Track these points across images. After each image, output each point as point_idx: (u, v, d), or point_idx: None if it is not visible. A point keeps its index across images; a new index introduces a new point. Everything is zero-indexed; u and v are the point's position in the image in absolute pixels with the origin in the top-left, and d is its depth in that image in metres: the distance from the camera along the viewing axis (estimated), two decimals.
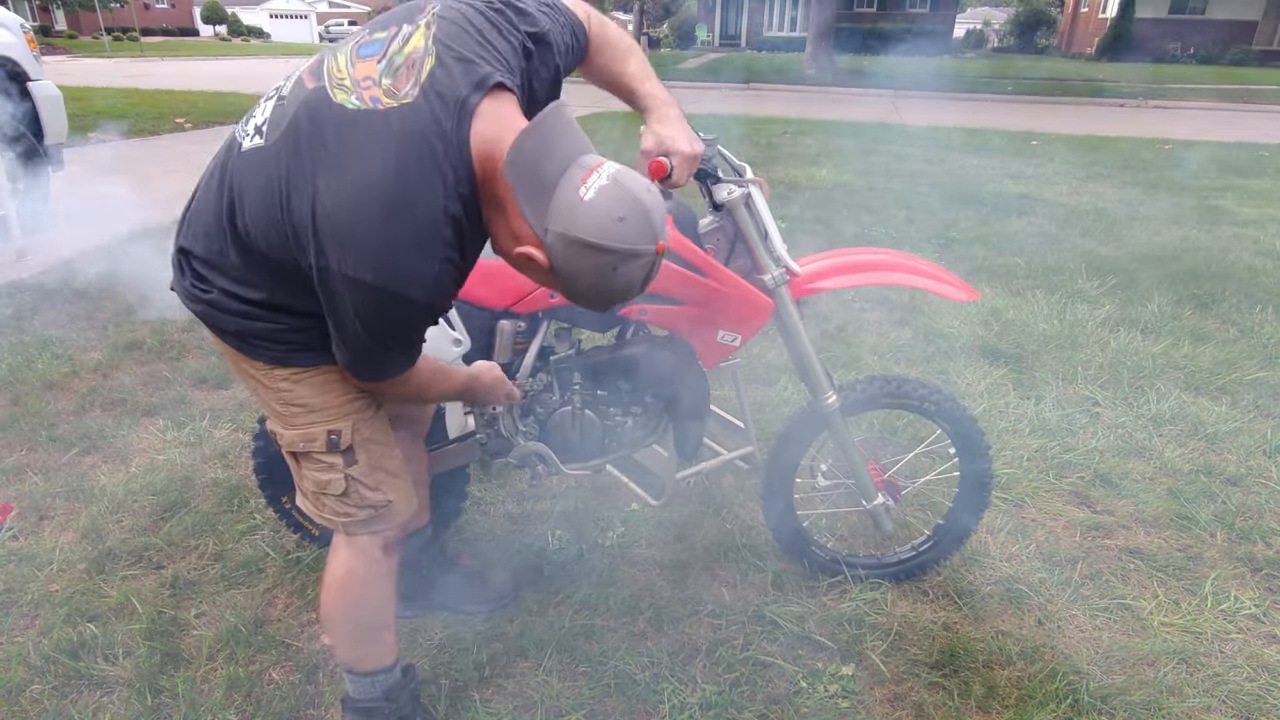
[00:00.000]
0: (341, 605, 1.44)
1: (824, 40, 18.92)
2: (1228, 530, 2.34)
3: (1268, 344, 3.63)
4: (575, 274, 1.07)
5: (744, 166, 1.73)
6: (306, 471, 1.37)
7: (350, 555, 1.43)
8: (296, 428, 1.32)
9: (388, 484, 1.40)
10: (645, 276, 1.10)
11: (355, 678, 1.53)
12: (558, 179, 1.04)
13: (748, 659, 1.85)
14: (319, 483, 1.36)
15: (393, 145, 1.05)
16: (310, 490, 1.38)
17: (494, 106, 1.10)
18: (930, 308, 4.01)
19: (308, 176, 1.07)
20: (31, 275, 4.18)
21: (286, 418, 1.32)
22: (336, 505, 1.38)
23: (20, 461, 2.55)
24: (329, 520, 1.40)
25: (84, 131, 8.70)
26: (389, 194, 1.04)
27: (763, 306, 1.72)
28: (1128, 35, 29.39)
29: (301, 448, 1.33)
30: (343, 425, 1.32)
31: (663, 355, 1.72)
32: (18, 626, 1.90)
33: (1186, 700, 1.75)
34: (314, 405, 1.30)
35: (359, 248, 1.05)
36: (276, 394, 1.30)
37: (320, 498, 1.38)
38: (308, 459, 1.35)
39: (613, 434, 1.84)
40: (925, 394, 1.91)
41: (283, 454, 1.39)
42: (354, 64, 1.12)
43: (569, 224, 1.03)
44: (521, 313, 1.72)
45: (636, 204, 1.05)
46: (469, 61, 1.10)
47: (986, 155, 8.67)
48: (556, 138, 1.05)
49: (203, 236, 1.22)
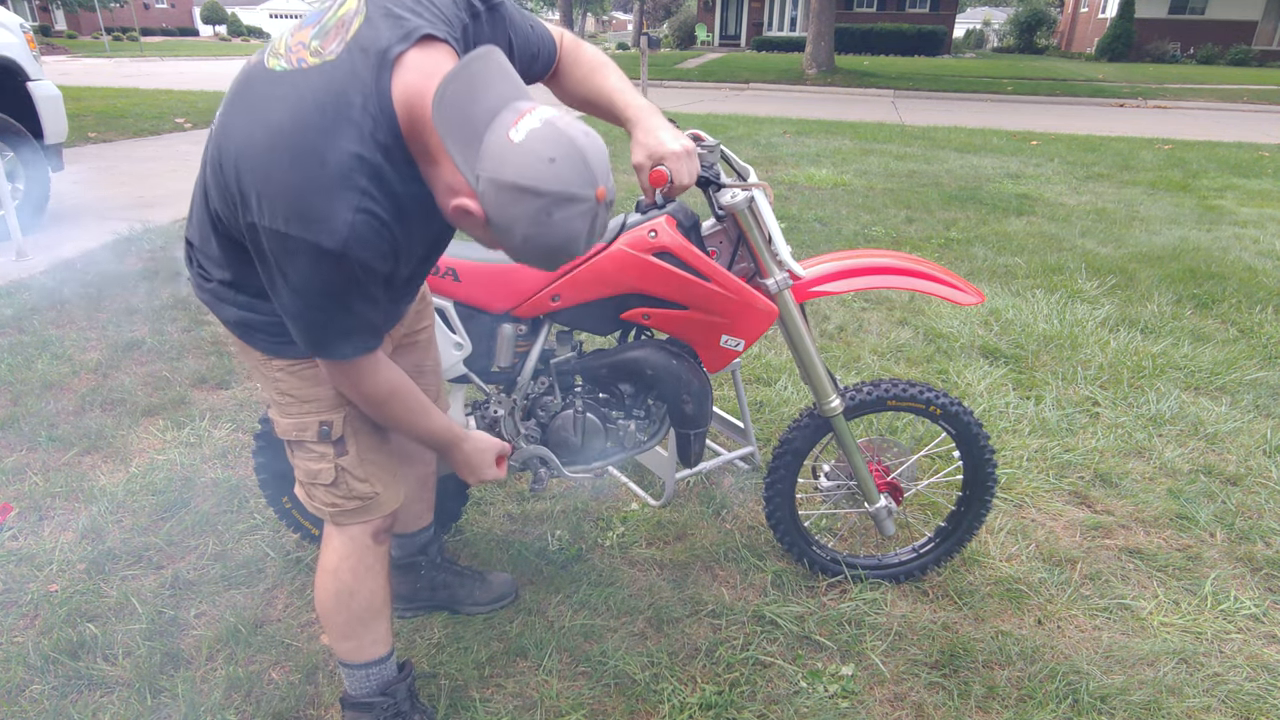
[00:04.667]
0: (334, 593, 1.46)
1: (824, 40, 18.91)
2: (1228, 530, 2.34)
3: (1268, 344, 3.63)
4: (509, 224, 1.03)
5: (747, 169, 1.71)
6: (299, 460, 1.40)
7: (341, 544, 1.45)
8: (291, 416, 1.35)
9: (376, 476, 1.42)
10: (589, 228, 1.05)
11: (351, 671, 1.53)
12: (488, 123, 1.00)
13: (748, 659, 1.85)
14: (310, 472, 1.39)
15: (308, 97, 1.04)
16: (303, 479, 1.42)
17: (421, 57, 1.07)
18: (930, 308, 4.01)
19: (232, 136, 1.08)
20: (31, 275, 4.17)
21: (282, 406, 1.35)
22: (325, 495, 1.41)
23: (20, 461, 2.55)
24: (318, 509, 1.43)
25: (83, 131, 8.71)
26: (298, 142, 1.03)
27: (766, 312, 1.71)
28: (1127, 35, 29.40)
29: (295, 436, 1.36)
30: (334, 417, 1.35)
31: (665, 359, 1.71)
32: (18, 626, 1.90)
33: (1186, 700, 1.75)
34: (307, 396, 1.33)
35: (273, 196, 1.04)
36: (274, 383, 1.33)
37: (311, 487, 1.41)
38: (300, 448, 1.38)
39: (614, 437, 1.83)
40: (931, 397, 1.89)
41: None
42: (294, 34, 1.13)
43: (498, 168, 0.99)
44: (523, 316, 1.72)
45: (571, 145, 1.00)
46: (398, 17, 1.08)
47: (986, 155, 8.67)
48: (486, 83, 1.02)
49: (195, 225, 1.25)
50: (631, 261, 1.63)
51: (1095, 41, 31.68)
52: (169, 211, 5.53)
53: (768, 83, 17.85)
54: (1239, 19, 29.48)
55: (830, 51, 19.23)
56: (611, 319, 1.71)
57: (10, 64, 4.83)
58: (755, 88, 17.53)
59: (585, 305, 1.69)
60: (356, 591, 1.46)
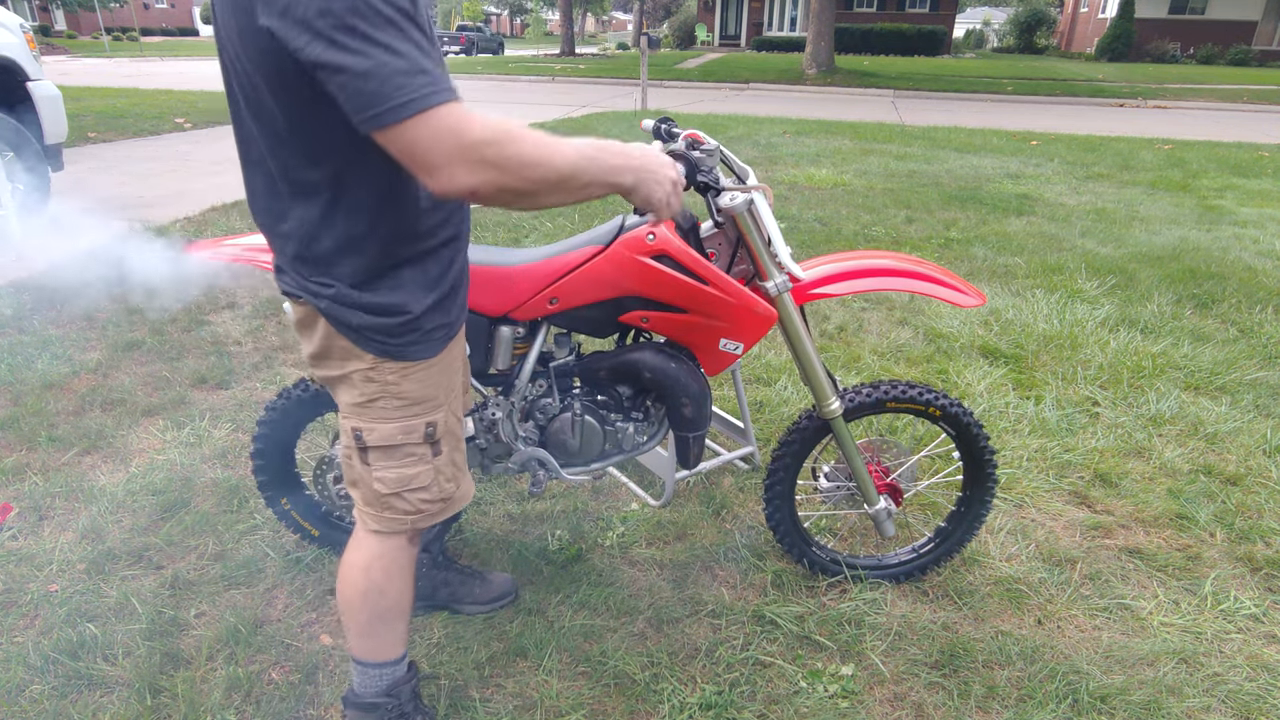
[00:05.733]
0: (363, 591, 1.44)
1: (824, 40, 18.91)
2: (1228, 530, 2.34)
3: (1267, 344, 3.63)
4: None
5: (747, 170, 1.71)
6: (385, 469, 1.33)
7: (377, 542, 1.41)
8: (394, 420, 1.30)
9: (458, 475, 1.42)
10: None
11: (363, 669, 1.52)
12: None
13: (748, 659, 1.85)
14: (404, 478, 1.34)
15: None
16: (385, 490, 1.35)
17: None
18: (930, 308, 4.01)
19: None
20: (31, 275, 4.17)
21: (385, 412, 1.29)
22: (416, 499, 1.36)
23: (20, 461, 2.55)
24: (393, 519, 1.38)
25: (83, 131, 8.71)
26: None
27: (765, 315, 1.70)
28: (1127, 35, 29.41)
29: (400, 440, 1.31)
30: (438, 417, 1.33)
31: (663, 362, 1.71)
32: (18, 626, 1.90)
33: (1186, 700, 1.75)
34: (420, 397, 1.30)
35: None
36: (383, 387, 1.28)
37: (395, 497, 1.35)
38: (392, 454, 1.32)
39: (612, 439, 1.83)
40: (930, 398, 1.89)
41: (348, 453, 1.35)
42: None
43: None
44: (520, 319, 1.71)
45: None
46: None
47: (986, 155, 8.67)
48: None
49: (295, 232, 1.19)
50: (629, 264, 1.63)
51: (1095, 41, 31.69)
52: (169, 211, 5.53)
53: (768, 83, 17.85)
54: (1239, 19, 29.48)
55: (830, 51, 19.24)
56: (610, 322, 1.71)
57: (10, 64, 4.83)
58: (755, 88, 17.53)
59: (583, 308, 1.68)
60: (386, 590, 1.44)
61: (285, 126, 1.10)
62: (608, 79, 18.81)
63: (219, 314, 3.77)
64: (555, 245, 1.72)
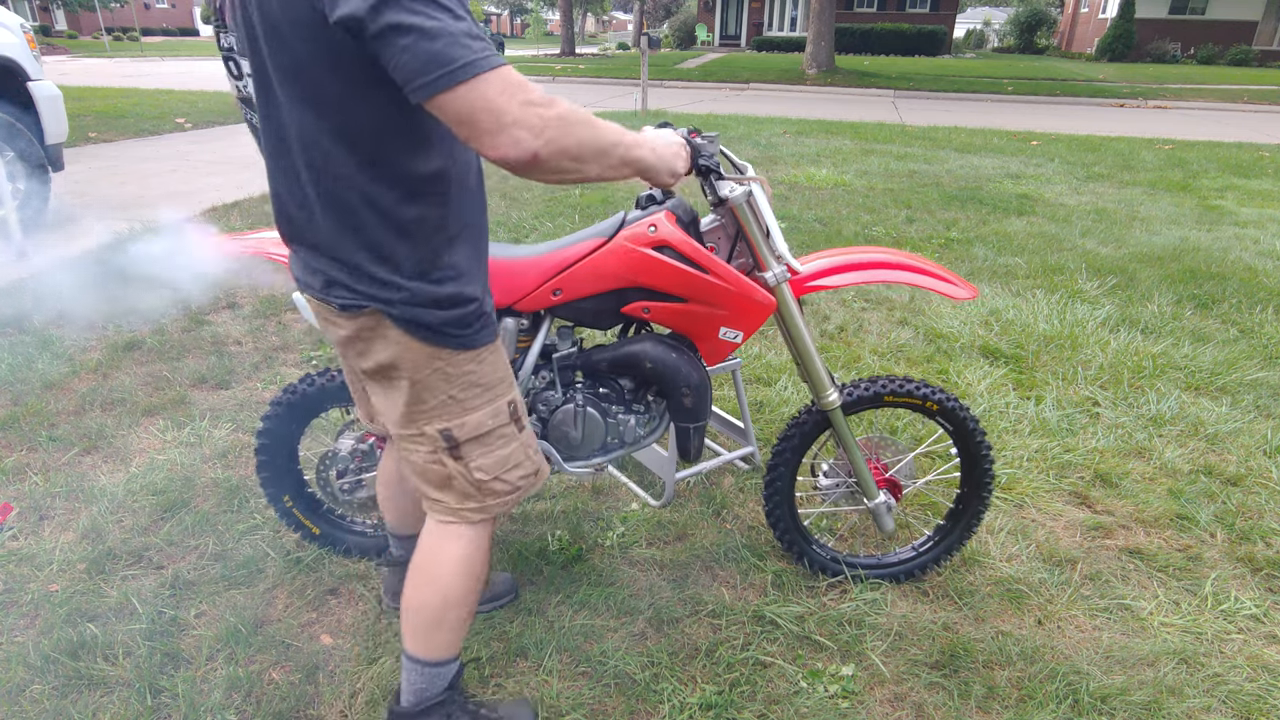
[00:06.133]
0: (470, 586, 1.43)
1: (824, 40, 18.92)
2: (1228, 530, 2.34)
3: (1268, 344, 3.63)
4: None
5: (745, 165, 1.74)
6: (482, 457, 1.35)
7: (473, 533, 1.41)
8: (481, 408, 1.32)
9: (536, 446, 1.46)
10: None
11: (434, 670, 1.47)
12: None
13: (748, 659, 1.85)
14: (501, 460, 1.36)
15: None
16: (486, 478, 1.36)
17: None
18: (931, 308, 4.01)
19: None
20: (31, 275, 4.18)
21: (467, 401, 1.31)
22: (514, 477, 1.39)
23: (20, 461, 2.55)
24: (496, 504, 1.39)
25: (84, 131, 8.71)
26: None
27: (764, 303, 1.73)
28: (1128, 35, 29.40)
29: (490, 425, 1.34)
30: (514, 394, 1.38)
31: (664, 352, 1.73)
32: (18, 626, 1.90)
33: (1186, 700, 1.75)
34: (495, 379, 1.33)
35: None
36: (463, 377, 1.29)
37: (496, 481, 1.37)
38: (486, 440, 1.34)
39: (614, 432, 1.84)
40: (926, 393, 1.91)
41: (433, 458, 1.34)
42: None
43: None
44: (524, 311, 1.73)
45: None
46: None
47: (987, 155, 8.67)
48: None
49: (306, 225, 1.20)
50: (632, 255, 1.66)
51: (1095, 41, 31.69)
52: (169, 211, 5.53)
53: (768, 83, 17.86)
54: (1239, 19, 29.48)
55: (830, 51, 19.24)
56: (612, 313, 1.73)
57: (10, 64, 4.84)
58: (755, 88, 17.54)
59: (586, 299, 1.71)
60: (482, 576, 1.45)
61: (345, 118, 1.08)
62: (608, 79, 18.82)
63: (219, 314, 3.77)
64: (559, 240, 1.76)
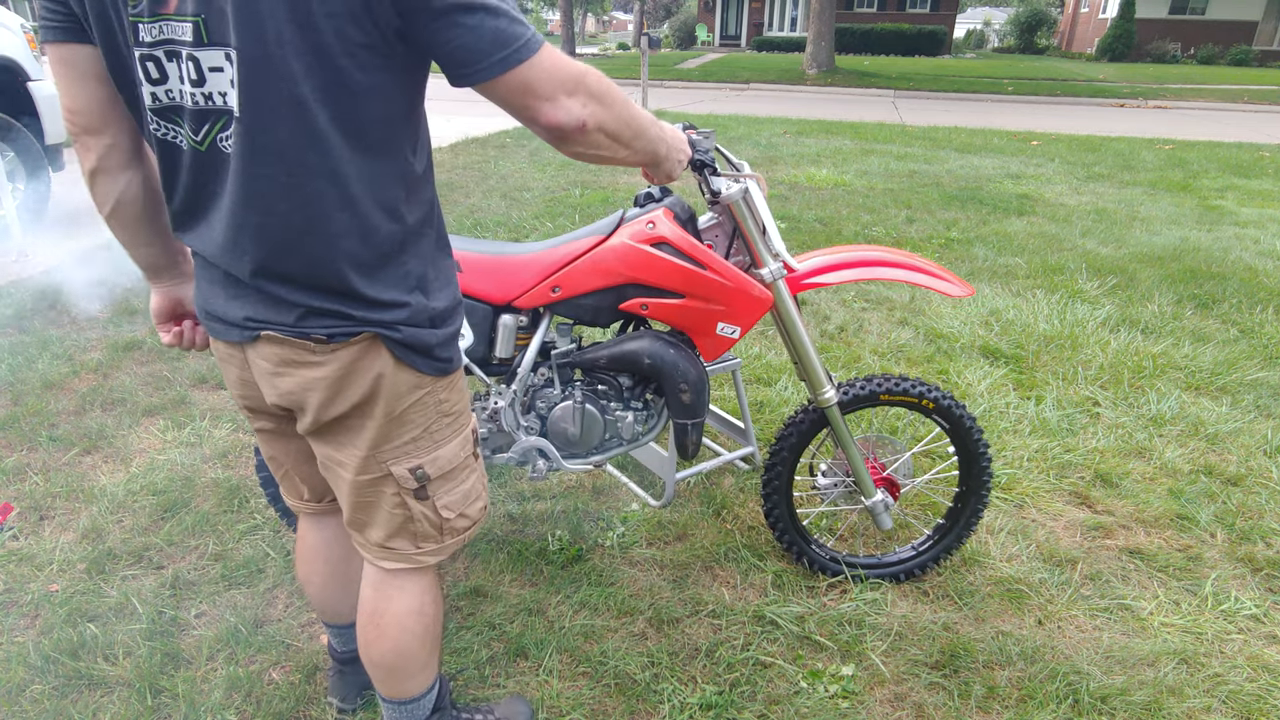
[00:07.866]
0: (423, 632, 1.34)
1: (824, 40, 18.91)
2: (1228, 530, 2.34)
3: (1268, 344, 3.63)
4: None
5: (742, 164, 1.75)
6: (448, 494, 1.25)
7: (422, 577, 1.32)
8: (452, 439, 1.23)
9: (485, 475, 1.37)
10: None
11: (413, 704, 1.42)
12: None
13: (748, 659, 1.85)
14: (465, 494, 1.27)
15: None
16: (450, 515, 1.27)
17: None
18: (931, 308, 4.01)
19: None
20: (31, 275, 4.18)
21: (442, 434, 1.21)
22: (475, 510, 1.30)
23: (20, 461, 2.55)
24: (453, 542, 1.29)
25: None
26: None
27: (761, 298, 1.75)
28: (1128, 35, 29.39)
29: (460, 458, 1.24)
30: (474, 419, 1.29)
31: (662, 349, 1.74)
32: (18, 626, 1.90)
33: (1186, 700, 1.75)
34: (461, 407, 1.24)
35: None
36: (437, 406, 1.19)
37: (459, 517, 1.28)
38: (454, 475, 1.24)
39: (613, 429, 1.85)
40: (923, 391, 1.91)
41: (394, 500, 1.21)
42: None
43: None
44: (523, 308, 1.74)
45: None
46: None
47: (987, 155, 8.67)
48: None
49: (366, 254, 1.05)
50: (630, 252, 1.67)
51: (1095, 42, 31.68)
52: None
53: (768, 83, 17.86)
54: (1239, 19, 29.46)
55: (830, 52, 19.23)
56: (611, 309, 1.74)
57: (11, 64, 4.83)
58: (755, 88, 17.54)
59: (585, 296, 1.72)
60: (438, 616, 1.37)
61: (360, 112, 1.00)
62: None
63: None
64: (558, 238, 1.77)
